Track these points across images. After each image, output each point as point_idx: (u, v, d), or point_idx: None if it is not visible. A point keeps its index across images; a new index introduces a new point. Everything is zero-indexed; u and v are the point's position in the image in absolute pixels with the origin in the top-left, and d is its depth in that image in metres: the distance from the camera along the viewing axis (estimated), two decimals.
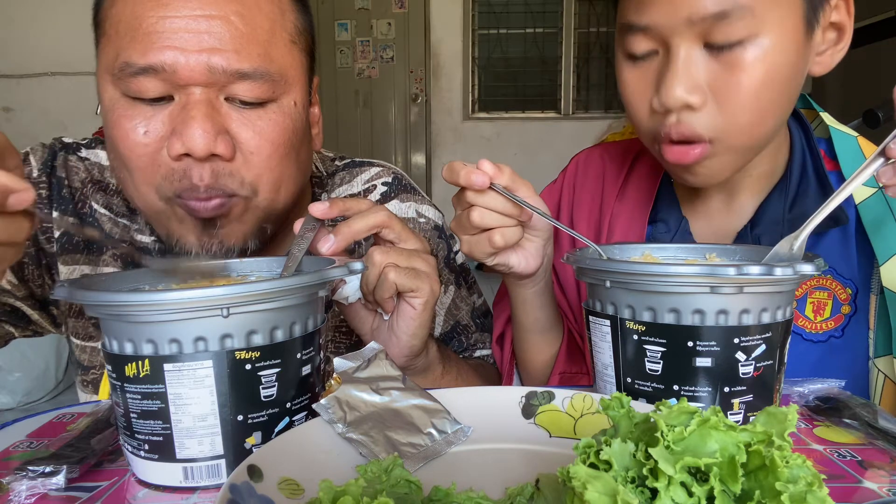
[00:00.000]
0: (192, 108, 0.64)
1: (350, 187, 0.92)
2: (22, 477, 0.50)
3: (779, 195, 0.78)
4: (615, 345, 0.58)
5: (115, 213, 0.82)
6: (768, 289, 0.54)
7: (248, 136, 0.67)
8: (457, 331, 0.94)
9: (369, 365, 0.58)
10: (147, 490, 0.51)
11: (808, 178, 0.78)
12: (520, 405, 0.59)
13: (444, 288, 0.92)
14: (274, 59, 0.68)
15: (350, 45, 5.16)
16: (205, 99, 0.65)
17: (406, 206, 0.92)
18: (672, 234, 0.83)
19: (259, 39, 0.66)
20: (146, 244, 0.83)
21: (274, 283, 0.50)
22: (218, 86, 0.66)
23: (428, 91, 5.18)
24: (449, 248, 0.95)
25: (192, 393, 0.49)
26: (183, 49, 0.63)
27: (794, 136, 0.80)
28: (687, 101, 0.66)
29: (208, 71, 0.64)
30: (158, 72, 0.64)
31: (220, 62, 0.64)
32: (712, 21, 0.64)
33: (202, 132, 0.63)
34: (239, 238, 0.71)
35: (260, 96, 0.67)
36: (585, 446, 0.37)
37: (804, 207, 0.76)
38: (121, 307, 0.49)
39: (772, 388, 0.57)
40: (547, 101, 5.24)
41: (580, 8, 5.09)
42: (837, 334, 0.76)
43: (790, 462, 0.34)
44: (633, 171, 0.89)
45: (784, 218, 0.77)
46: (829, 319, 0.77)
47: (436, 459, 0.52)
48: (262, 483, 0.43)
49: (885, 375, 0.73)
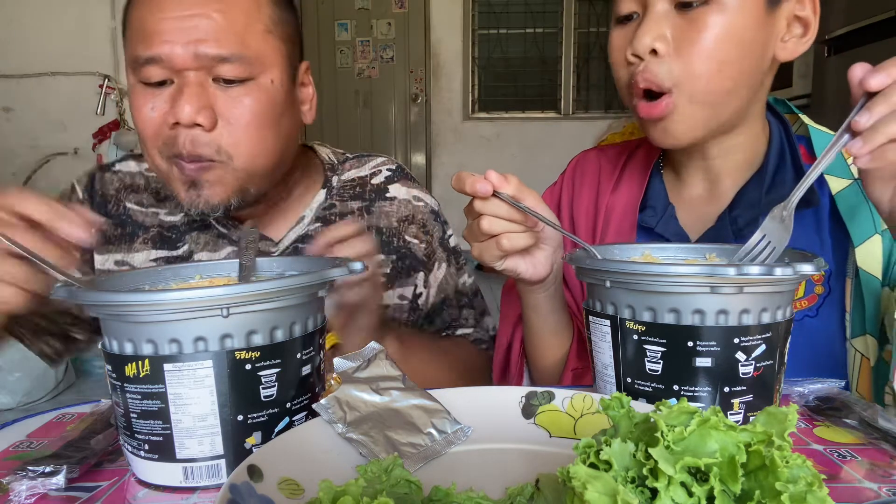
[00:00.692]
0: (185, 88, 0.82)
1: (359, 171, 1.05)
2: (22, 477, 0.50)
3: (756, 182, 0.84)
4: (615, 345, 0.58)
5: (146, 205, 1.00)
6: (768, 289, 0.54)
7: (231, 108, 0.83)
8: (445, 304, 1.04)
9: (369, 365, 0.58)
10: (147, 490, 0.52)
11: (786, 168, 0.83)
12: (520, 405, 0.59)
13: (438, 264, 1.05)
14: (249, 45, 0.83)
15: (350, 45, 5.16)
16: (195, 80, 0.82)
17: (406, 190, 1.05)
18: (658, 219, 0.88)
19: (235, 30, 0.82)
20: (175, 223, 0.98)
21: (274, 283, 0.50)
22: (205, 69, 0.82)
23: (428, 91, 5.18)
24: (443, 230, 1.07)
25: (192, 393, 0.49)
26: (175, 42, 0.80)
27: (773, 130, 0.86)
28: (652, 46, 0.75)
29: (196, 57, 0.81)
30: (159, 61, 0.81)
31: (205, 49, 0.80)
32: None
33: (188, 106, 0.81)
34: (222, 197, 0.86)
35: (239, 75, 0.83)
36: (585, 446, 0.37)
37: (780, 192, 0.81)
38: (121, 307, 0.49)
39: (772, 388, 0.57)
40: (547, 101, 5.24)
41: (580, 8, 5.09)
42: (811, 314, 0.81)
43: (790, 462, 0.34)
44: (626, 168, 0.95)
45: (761, 201, 0.82)
46: (803, 299, 0.81)
47: (436, 459, 0.52)
48: (262, 483, 0.43)
49: (862, 354, 0.77)
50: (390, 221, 1.01)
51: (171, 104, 0.82)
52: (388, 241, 1.01)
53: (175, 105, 0.81)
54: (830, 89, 2.79)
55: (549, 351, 0.86)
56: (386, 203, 1.02)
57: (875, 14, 2.48)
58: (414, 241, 1.02)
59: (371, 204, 1.02)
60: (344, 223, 0.78)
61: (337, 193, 1.02)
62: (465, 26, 5.11)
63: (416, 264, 1.01)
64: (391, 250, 1.00)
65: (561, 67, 5.18)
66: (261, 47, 0.84)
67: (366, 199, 1.02)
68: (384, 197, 1.03)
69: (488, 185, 0.67)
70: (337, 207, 1.01)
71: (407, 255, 1.01)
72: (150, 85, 0.83)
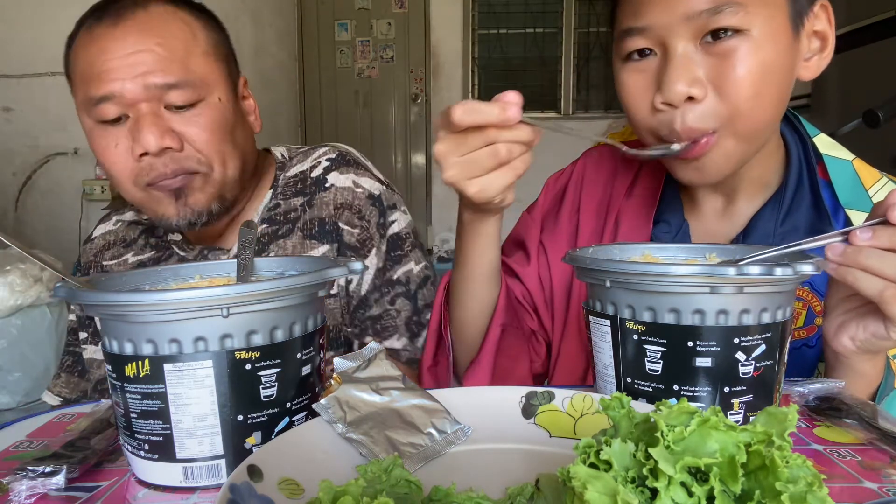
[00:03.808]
0: (141, 119, 0.87)
1: (301, 165, 1.08)
2: (22, 477, 0.50)
3: (772, 208, 0.81)
4: (615, 345, 0.58)
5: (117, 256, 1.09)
6: (768, 289, 0.54)
7: (189, 129, 0.89)
8: (376, 291, 1.02)
9: (369, 365, 0.58)
10: (147, 490, 0.51)
11: (804, 191, 0.81)
12: (520, 405, 0.59)
13: (375, 250, 1.02)
14: (193, 70, 0.89)
15: (350, 45, 5.16)
16: (149, 111, 0.87)
17: (344, 177, 1.05)
18: (673, 235, 0.85)
19: (178, 58, 0.88)
20: (143, 261, 1.07)
21: (274, 283, 0.50)
22: (155, 99, 0.88)
23: (428, 91, 5.18)
24: (383, 216, 1.04)
25: (192, 393, 0.49)
26: (125, 78, 0.86)
27: (791, 147, 0.83)
28: (689, 93, 0.69)
29: (146, 88, 0.87)
30: (112, 97, 0.87)
31: (153, 80, 0.87)
32: (707, 16, 0.68)
33: (151, 135, 0.86)
34: (204, 204, 0.93)
35: (189, 100, 0.89)
36: (585, 446, 0.37)
37: (796, 222, 0.79)
38: (121, 307, 0.49)
39: (772, 388, 0.57)
40: (547, 101, 5.24)
41: (580, 8, 5.08)
42: (811, 343, 0.79)
43: (790, 462, 0.34)
44: (643, 171, 0.91)
45: (775, 232, 0.80)
46: (803, 329, 0.79)
47: (436, 459, 0.52)
48: (262, 483, 0.43)
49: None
50: (329, 210, 1.02)
51: (132, 137, 0.88)
52: (330, 231, 1.01)
53: (138, 136, 0.87)
54: (830, 89, 2.78)
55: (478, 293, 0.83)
56: (325, 193, 1.03)
57: (875, 14, 2.48)
58: (346, 227, 1.01)
59: (312, 197, 1.03)
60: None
61: (281, 192, 1.05)
62: (465, 26, 5.10)
63: (346, 251, 1.01)
64: (331, 239, 1.01)
65: (561, 67, 5.18)
66: (203, 70, 0.91)
67: (307, 192, 1.04)
68: (323, 188, 1.04)
69: (517, 109, 0.62)
70: (281, 206, 1.03)
71: (340, 243, 1.01)
72: (107, 123, 0.89)
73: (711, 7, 0.67)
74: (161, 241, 1.08)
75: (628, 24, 0.73)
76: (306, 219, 1.02)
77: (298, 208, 1.03)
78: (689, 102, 0.70)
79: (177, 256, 1.05)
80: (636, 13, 0.71)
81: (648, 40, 0.72)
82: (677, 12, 0.69)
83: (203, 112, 0.90)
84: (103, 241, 1.12)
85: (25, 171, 3.99)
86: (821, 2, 0.74)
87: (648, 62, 0.73)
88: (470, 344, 0.86)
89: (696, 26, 0.69)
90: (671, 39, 0.70)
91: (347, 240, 1.01)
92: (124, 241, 1.10)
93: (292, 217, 1.02)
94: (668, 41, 0.70)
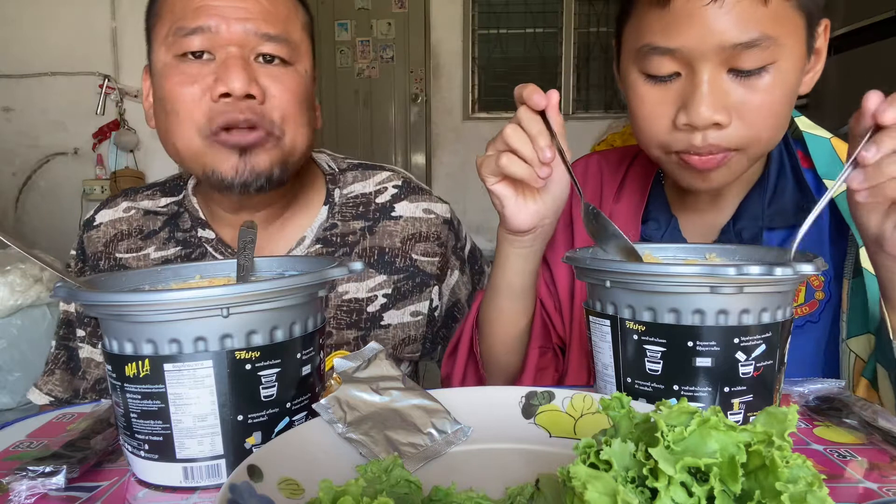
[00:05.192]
0: (231, 61, 0.83)
1: (363, 186, 1.04)
2: (22, 477, 0.50)
3: (758, 193, 0.84)
4: (615, 345, 0.58)
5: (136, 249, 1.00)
6: (768, 289, 0.54)
7: (274, 85, 0.86)
8: (456, 308, 1.06)
9: (369, 365, 0.58)
10: (147, 490, 0.52)
11: (786, 177, 0.84)
12: (520, 405, 0.59)
13: (451, 272, 1.05)
14: (291, 33, 0.88)
15: (350, 45, 5.15)
16: (240, 55, 0.84)
17: (415, 206, 1.03)
18: (663, 232, 0.87)
19: (281, 18, 0.87)
20: (167, 257, 0.98)
21: (274, 283, 0.50)
22: (249, 47, 0.85)
23: (428, 91, 5.18)
24: (457, 238, 1.06)
25: (192, 393, 0.49)
26: (228, 17, 0.84)
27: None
28: (715, 119, 0.70)
29: (243, 33, 0.84)
30: (205, 32, 0.83)
31: (252, 27, 0.84)
32: (741, 49, 0.68)
33: (239, 77, 0.82)
34: (267, 166, 0.87)
35: (282, 55, 0.87)
36: (585, 446, 0.37)
37: (782, 204, 0.82)
38: (121, 307, 0.49)
39: (772, 388, 0.57)
40: None
41: (580, 8, 5.08)
42: (814, 319, 0.81)
43: (790, 462, 0.34)
44: (628, 176, 0.94)
45: (763, 213, 0.82)
46: (804, 305, 0.81)
47: (436, 459, 0.52)
48: (262, 483, 0.43)
49: (856, 355, 0.77)
50: (393, 241, 0.99)
51: (213, 78, 0.83)
52: (391, 261, 0.99)
53: (225, 76, 0.82)
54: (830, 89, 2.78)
55: (504, 316, 0.85)
56: (391, 223, 1.00)
57: (875, 14, 2.48)
58: (423, 258, 1.00)
59: (375, 224, 1.00)
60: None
61: (339, 212, 1.00)
62: (465, 26, 5.10)
63: (427, 279, 1.00)
64: (394, 270, 0.98)
65: (561, 67, 5.17)
66: (299, 38, 0.90)
67: (369, 218, 1.00)
68: (389, 216, 1.00)
69: (544, 99, 0.71)
70: (339, 227, 0.99)
71: (415, 273, 0.99)
72: (188, 59, 0.84)
73: (746, 41, 0.67)
74: (190, 236, 0.99)
75: (656, 41, 0.71)
76: (366, 245, 0.99)
77: (358, 232, 0.99)
78: (713, 127, 0.71)
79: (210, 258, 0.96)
80: (666, 33, 0.70)
81: (675, 62, 0.71)
82: (711, 42, 0.68)
83: (291, 74, 0.88)
84: (113, 229, 1.02)
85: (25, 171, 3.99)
86: (825, 22, 0.75)
87: (672, 82, 0.73)
88: (502, 364, 0.89)
89: (727, 55, 0.68)
90: (700, 64, 0.69)
91: (428, 270, 1.00)
92: (141, 231, 1.00)
93: (350, 241, 0.98)
94: (696, 65, 0.70)
